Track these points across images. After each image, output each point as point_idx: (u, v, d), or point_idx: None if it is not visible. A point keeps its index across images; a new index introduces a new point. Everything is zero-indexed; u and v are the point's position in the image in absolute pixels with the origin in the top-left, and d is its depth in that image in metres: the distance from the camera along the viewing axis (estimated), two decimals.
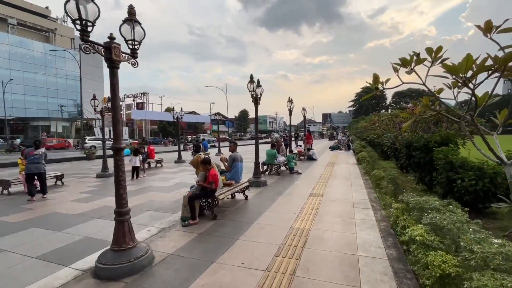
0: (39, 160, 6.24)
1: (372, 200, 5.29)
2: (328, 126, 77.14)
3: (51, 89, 50.59)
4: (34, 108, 47.76)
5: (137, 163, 8.59)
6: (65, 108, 51.59)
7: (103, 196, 6.35)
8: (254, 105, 7.13)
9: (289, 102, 11.17)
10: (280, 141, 10.03)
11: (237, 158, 5.47)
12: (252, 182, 7.00)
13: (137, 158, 8.59)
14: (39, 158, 6.24)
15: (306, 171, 9.51)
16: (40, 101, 48.02)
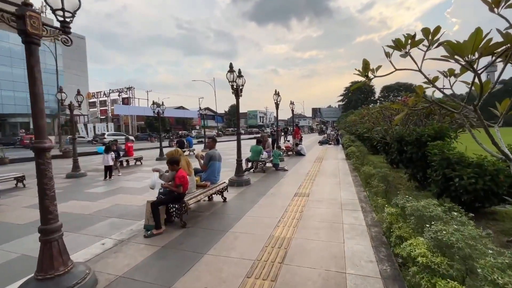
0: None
1: (362, 200, 4.84)
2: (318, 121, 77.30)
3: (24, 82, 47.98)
4: (11, 104, 45.27)
5: (109, 162, 7.86)
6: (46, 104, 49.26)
7: (64, 201, 5.64)
8: (235, 97, 6.53)
9: (276, 95, 10.61)
10: (265, 137, 9.49)
11: (215, 157, 4.88)
12: (233, 181, 6.44)
13: (109, 156, 7.85)
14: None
15: (293, 168, 9.03)
16: (18, 97, 45.51)
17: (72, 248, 3.27)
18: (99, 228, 3.99)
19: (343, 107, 73.61)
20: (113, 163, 8.02)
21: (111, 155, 7.95)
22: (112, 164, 7.95)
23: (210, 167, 4.84)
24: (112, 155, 7.98)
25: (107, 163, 7.83)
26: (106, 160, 7.83)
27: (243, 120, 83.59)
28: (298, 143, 13.38)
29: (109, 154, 7.89)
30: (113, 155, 8.03)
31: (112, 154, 8.00)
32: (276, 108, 10.99)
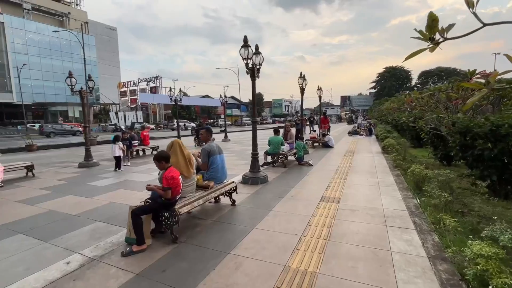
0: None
1: (413, 213, 3.62)
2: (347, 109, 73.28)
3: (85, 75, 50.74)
4: (52, 94, 48.28)
5: (116, 152, 7.30)
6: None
7: (63, 194, 5.13)
8: (251, 79, 5.47)
9: (301, 79, 9.33)
10: (288, 126, 8.36)
11: (213, 151, 3.93)
12: (248, 178, 5.50)
13: (116, 147, 7.30)
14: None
15: (319, 162, 7.84)
16: (58, 87, 48.27)
17: (29, 267, 2.58)
18: (76, 236, 3.29)
19: (375, 95, 68.72)
20: (121, 154, 7.47)
21: (119, 145, 7.40)
22: (119, 154, 7.40)
23: (211, 164, 3.91)
24: (120, 145, 7.42)
25: (115, 154, 7.30)
26: (113, 150, 7.31)
27: (267, 109, 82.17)
28: (326, 133, 12.03)
29: (116, 145, 7.35)
30: (120, 144, 7.47)
31: (120, 144, 7.44)
32: (301, 93, 9.73)
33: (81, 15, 59.37)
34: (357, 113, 64.24)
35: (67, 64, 49.94)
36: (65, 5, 57.27)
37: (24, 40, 44.60)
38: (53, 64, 48.61)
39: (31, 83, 45.43)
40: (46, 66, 47.46)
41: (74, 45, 51.10)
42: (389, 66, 66.97)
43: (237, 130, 32.97)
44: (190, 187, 3.39)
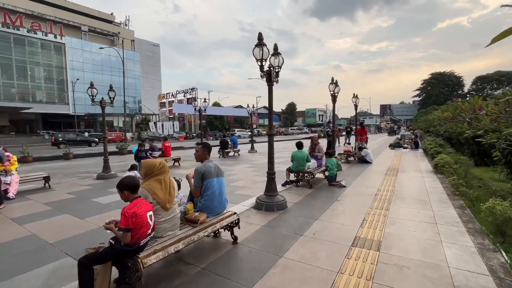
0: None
1: (503, 281, 2.31)
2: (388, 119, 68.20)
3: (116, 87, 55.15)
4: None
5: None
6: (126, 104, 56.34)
7: (60, 213, 4.71)
8: (267, 84, 4.59)
9: (332, 85, 8.18)
10: (315, 138, 7.23)
11: (209, 173, 3.08)
12: (261, 203, 4.54)
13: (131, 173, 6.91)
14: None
15: (354, 182, 6.56)
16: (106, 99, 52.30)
17: None
18: (29, 280, 2.63)
19: (420, 103, 62.87)
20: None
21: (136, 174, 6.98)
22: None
23: (206, 189, 3.05)
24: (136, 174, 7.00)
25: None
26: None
27: (300, 119, 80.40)
28: (363, 146, 10.54)
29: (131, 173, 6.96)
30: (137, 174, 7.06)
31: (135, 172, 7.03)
32: (333, 101, 8.52)
33: (128, 34, 65.20)
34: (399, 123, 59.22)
35: (115, 78, 54.58)
36: (116, 26, 63.29)
37: (81, 58, 49.77)
38: (103, 79, 53.33)
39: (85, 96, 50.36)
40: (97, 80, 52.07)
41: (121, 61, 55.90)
42: (436, 72, 61.03)
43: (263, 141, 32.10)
44: (170, 222, 2.56)
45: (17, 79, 42.59)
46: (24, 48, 43.73)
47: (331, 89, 8.22)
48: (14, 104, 38.58)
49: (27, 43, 43.94)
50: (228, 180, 7.40)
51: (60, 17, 51.59)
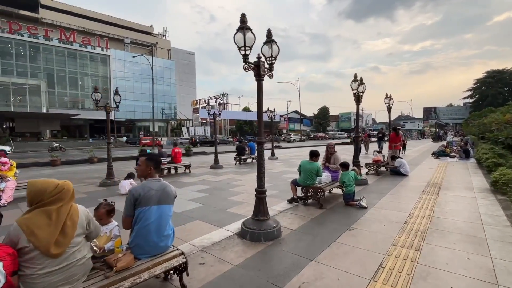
0: None
1: None
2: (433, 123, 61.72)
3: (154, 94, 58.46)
4: (140, 111, 56.33)
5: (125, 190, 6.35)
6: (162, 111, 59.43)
7: None
8: (256, 79, 3.65)
9: (355, 83, 6.87)
10: (331, 146, 6.02)
11: (147, 198, 2.19)
12: (246, 230, 3.57)
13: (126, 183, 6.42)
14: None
15: (379, 203, 5.22)
16: (145, 105, 56.01)
17: None
18: None
19: (473, 105, 55.70)
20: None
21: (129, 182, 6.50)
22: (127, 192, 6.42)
23: (138, 220, 2.19)
24: (132, 182, 6.53)
25: (122, 192, 6.39)
26: (123, 187, 6.41)
27: (334, 124, 76.91)
28: (397, 155, 8.90)
29: (126, 181, 6.51)
30: (133, 182, 6.58)
31: (131, 181, 6.56)
32: (357, 101, 7.13)
33: (165, 44, 69.14)
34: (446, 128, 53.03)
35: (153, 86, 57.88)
36: (154, 37, 67.41)
37: (123, 68, 53.70)
38: (142, 87, 56.88)
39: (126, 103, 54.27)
40: (137, 88, 55.81)
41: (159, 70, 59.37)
42: (493, 70, 53.62)
43: (294, 146, 30.72)
44: (61, 274, 1.75)
45: (69, 88, 47.15)
46: (76, 61, 48.47)
47: (354, 87, 6.92)
48: (65, 111, 42.68)
49: (78, 56, 48.66)
50: (228, 192, 6.54)
51: (106, 31, 56.58)
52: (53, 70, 45.81)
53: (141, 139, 40.02)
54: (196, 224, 4.23)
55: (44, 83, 42.37)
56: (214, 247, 3.31)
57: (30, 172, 10.82)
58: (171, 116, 60.70)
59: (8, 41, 41.84)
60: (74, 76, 48.03)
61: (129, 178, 6.65)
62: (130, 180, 6.59)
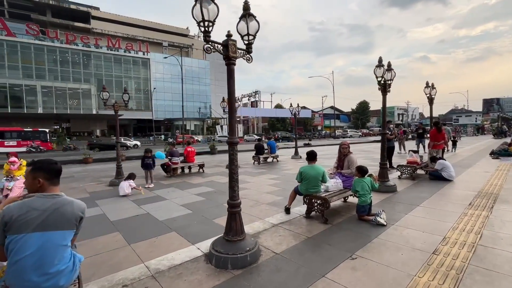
0: None
1: None
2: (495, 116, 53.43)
3: (190, 94, 60.88)
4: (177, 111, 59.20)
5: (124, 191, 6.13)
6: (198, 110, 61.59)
7: None
8: (226, 61, 2.92)
9: (380, 69, 5.64)
10: (345, 146, 4.95)
11: (22, 222, 1.61)
12: (212, 254, 2.87)
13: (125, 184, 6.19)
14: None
15: (404, 218, 4.08)
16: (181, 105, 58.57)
17: None
18: None
19: None
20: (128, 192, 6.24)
21: (129, 183, 6.27)
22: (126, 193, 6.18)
23: (9, 253, 1.63)
24: (131, 183, 6.30)
25: (121, 193, 6.17)
26: (122, 188, 6.19)
27: (374, 119, 71.51)
28: (438, 156, 7.32)
29: (126, 182, 6.28)
30: (132, 183, 6.34)
31: (130, 182, 6.33)
32: (383, 91, 5.88)
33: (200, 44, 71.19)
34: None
35: (189, 86, 60.39)
36: (190, 39, 69.98)
37: (162, 70, 56.74)
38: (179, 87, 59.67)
39: (165, 103, 57.47)
40: (174, 89, 58.60)
41: (195, 70, 61.61)
42: None
43: (325, 143, 28.94)
44: None
45: (115, 91, 51.35)
46: (121, 65, 52.56)
47: (379, 74, 5.69)
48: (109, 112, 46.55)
49: (123, 61, 52.65)
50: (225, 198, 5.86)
51: (147, 36, 60.32)
52: (101, 75, 50.28)
53: (177, 137, 41.74)
54: (168, 238, 3.67)
55: (94, 87, 46.70)
56: (170, 272, 2.69)
57: None
58: (207, 115, 62.53)
59: (66, 50, 46.91)
60: (119, 79, 52.23)
61: (129, 179, 6.43)
62: (129, 181, 6.36)
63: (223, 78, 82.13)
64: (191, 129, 60.58)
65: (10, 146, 25.59)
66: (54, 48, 45.54)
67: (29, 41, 43.49)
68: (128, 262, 2.95)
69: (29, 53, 43.49)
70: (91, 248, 3.35)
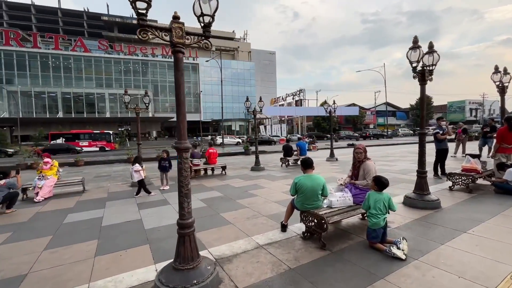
0: None
1: None
2: None
3: (235, 96, 62.56)
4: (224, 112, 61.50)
5: (134, 177, 6.22)
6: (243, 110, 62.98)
7: (27, 233, 4.39)
8: (172, 49, 2.40)
9: (415, 51, 4.38)
10: (361, 150, 3.91)
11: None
12: (155, 284, 2.38)
13: (131, 170, 6.26)
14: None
15: (435, 252, 2.96)
16: (228, 106, 60.77)
17: None
18: None
19: None
20: (140, 177, 6.30)
21: (136, 168, 6.29)
22: (138, 179, 6.25)
23: None
24: (136, 167, 6.31)
25: (133, 179, 6.26)
26: (132, 175, 6.28)
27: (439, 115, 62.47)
28: (507, 163, 5.52)
29: (132, 167, 6.32)
30: (137, 167, 6.34)
31: (136, 166, 6.34)
32: (421, 80, 4.58)
33: (246, 47, 72.88)
34: None
35: (235, 88, 62.15)
36: (235, 42, 71.96)
37: (209, 74, 59.62)
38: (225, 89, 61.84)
39: (213, 105, 60.25)
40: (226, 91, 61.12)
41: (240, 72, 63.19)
42: None
43: (373, 144, 26.12)
44: None
45: (169, 95, 55.71)
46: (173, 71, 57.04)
47: (413, 58, 4.45)
48: (164, 115, 50.67)
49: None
50: (232, 204, 5.34)
51: None
52: (157, 81, 55.17)
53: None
54: (137, 252, 3.32)
55: (150, 93, 51.56)
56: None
57: (100, 168, 12.65)
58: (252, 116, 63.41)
59: (128, 61, 52.85)
60: (172, 84, 56.53)
61: (135, 164, 6.43)
62: (135, 166, 6.35)
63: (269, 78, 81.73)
64: (236, 129, 62.11)
65: (84, 146, 29.96)
66: (119, 60, 51.79)
67: (100, 55, 50.32)
68: (76, 280, 2.68)
69: (100, 66, 50.33)
70: (57, 258, 3.21)
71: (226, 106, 59.55)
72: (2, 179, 5.14)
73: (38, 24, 68.96)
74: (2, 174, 5.19)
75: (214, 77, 59.26)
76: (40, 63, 45.14)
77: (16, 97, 39.17)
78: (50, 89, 44.25)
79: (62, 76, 47.53)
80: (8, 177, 5.27)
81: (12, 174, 5.44)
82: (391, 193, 5.64)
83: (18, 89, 40.89)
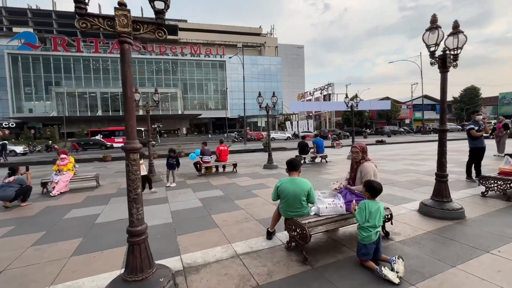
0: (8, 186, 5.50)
1: None
2: None
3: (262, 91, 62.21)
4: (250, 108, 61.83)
5: None
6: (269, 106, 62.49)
7: (30, 228, 4.62)
8: (120, 45, 2.17)
9: (432, 32, 3.61)
10: (356, 149, 3.35)
11: None
12: None
13: None
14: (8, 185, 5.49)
15: (441, 276, 2.39)
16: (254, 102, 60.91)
17: None
18: None
19: None
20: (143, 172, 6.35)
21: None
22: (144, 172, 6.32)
23: None
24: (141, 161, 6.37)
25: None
26: None
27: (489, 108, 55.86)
28: None
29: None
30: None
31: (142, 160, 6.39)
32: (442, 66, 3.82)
33: (273, 42, 71.86)
34: None
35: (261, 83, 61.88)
36: (262, 37, 71.39)
37: (236, 70, 60.16)
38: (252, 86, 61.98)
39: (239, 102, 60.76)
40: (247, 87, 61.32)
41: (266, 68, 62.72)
42: None
43: (411, 140, 24.03)
44: None
45: (198, 93, 57.29)
46: (201, 70, 58.28)
47: (431, 41, 3.72)
48: (192, 112, 52.25)
49: (203, 65, 58.25)
50: (228, 205, 5.08)
51: (223, 40, 64.82)
52: (186, 79, 56.90)
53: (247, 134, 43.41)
54: (111, 254, 3.22)
55: (180, 91, 53.40)
56: None
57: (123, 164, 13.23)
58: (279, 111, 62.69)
59: (159, 60, 55.26)
60: (200, 82, 57.95)
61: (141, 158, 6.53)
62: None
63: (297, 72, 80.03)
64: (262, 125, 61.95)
65: (119, 142, 32.24)
66: (151, 60, 54.38)
67: (134, 56, 53.31)
68: (40, 282, 2.63)
69: (134, 66, 53.41)
70: (37, 256, 3.24)
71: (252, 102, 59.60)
72: (11, 176, 5.49)
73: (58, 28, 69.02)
74: (11, 170, 5.55)
75: (240, 74, 59.47)
76: (83, 66, 49.11)
77: (63, 98, 43.13)
78: (91, 90, 47.99)
79: (101, 77, 51.21)
80: (17, 174, 5.61)
81: (21, 171, 5.80)
82: (408, 198, 4.97)
83: (64, 90, 44.96)
